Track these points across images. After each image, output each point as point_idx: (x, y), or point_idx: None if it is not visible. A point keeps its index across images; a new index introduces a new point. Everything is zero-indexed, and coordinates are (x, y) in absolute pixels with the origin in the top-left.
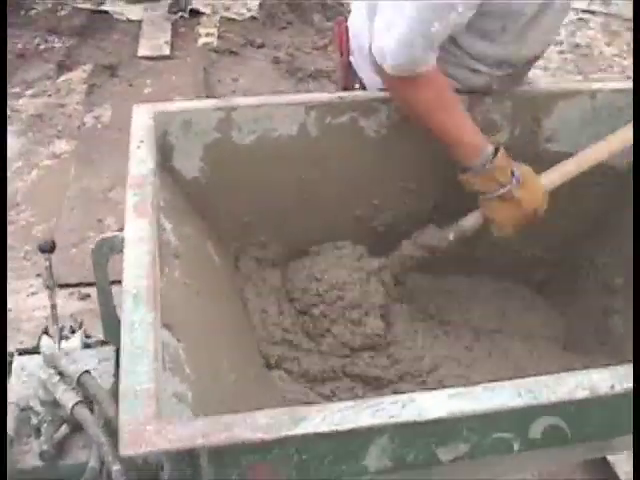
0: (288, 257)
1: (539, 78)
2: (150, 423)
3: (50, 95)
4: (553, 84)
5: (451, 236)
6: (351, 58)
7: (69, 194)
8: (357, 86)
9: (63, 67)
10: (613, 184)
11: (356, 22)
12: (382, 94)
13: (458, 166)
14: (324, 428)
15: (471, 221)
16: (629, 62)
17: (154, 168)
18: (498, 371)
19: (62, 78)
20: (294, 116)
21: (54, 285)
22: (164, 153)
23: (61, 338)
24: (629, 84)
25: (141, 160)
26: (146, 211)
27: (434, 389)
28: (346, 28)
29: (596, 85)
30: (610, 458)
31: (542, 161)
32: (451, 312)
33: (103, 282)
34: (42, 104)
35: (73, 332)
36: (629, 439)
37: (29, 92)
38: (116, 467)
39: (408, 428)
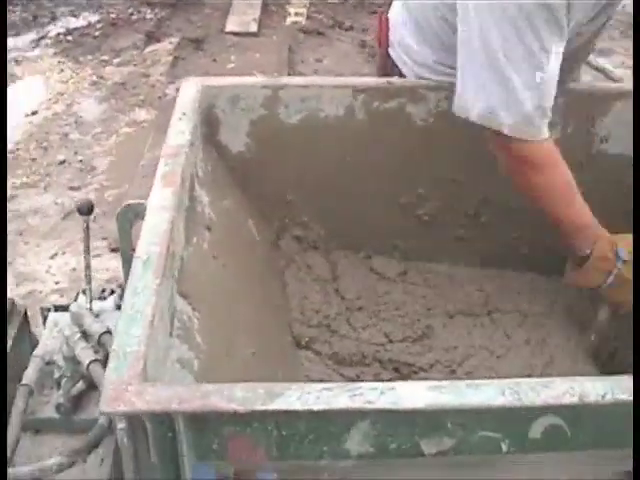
0: (330, 240)
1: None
2: (132, 384)
3: (136, 65)
4: (610, 84)
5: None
6: (390, 50)
7: (143, 162)
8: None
9: (152, 38)
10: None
11: (397, 17)
12: (431, 82)
13: (572, 258)
14: (298, 406)
15: (603, 316)
16: None
17: (191, 139)
18: (530, 362)
19: (149, 49)
20: (341, 98)
21: (89, 247)
22: (210, 126)
23: (99, 298)
24: None
25: (180, 131)
26: (174, 181)
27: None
28: (387, 20)
29: None
30: None
31: (596, 162)
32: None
33: (127, 248)
34: (127, 73)
35: (112, 293)
36: None
37: (116, 60)
38: (121, 425)
39: (390, 415)
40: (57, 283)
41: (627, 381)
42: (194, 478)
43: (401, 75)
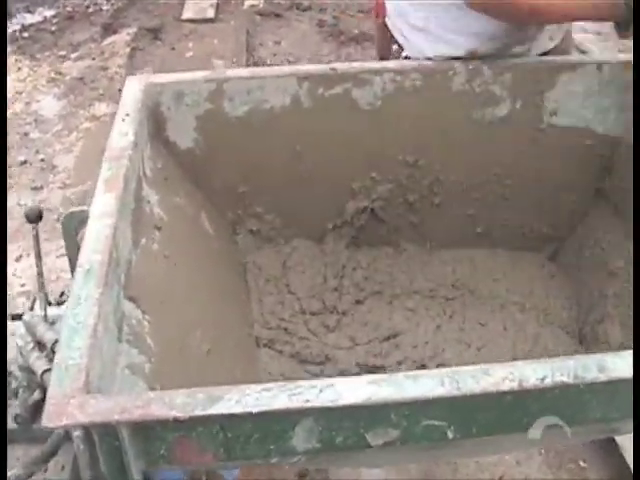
0: (285, 230)
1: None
2: (75, 397)
3: (94, 58)
4: (557, 57)
5: None
6: (387, 20)
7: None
8: (395, 47)
9: (109, 30)
10: (621, 157)
11: None
12: (376, 65)
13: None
14: (238, 410)
15: None
16: None
17: (135, 140)
18: (514, 347)
19: (107, 41)
20: (286, 87)
21: (40, 254)
22: (157, 124)
23: (57, 303)
24: None
25: (122, 133)
26: (116, 185)
27: None
28: None
29: (602, 57)
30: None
31: (546, 135)
32: (465, 287)
33: (73, 255)
34: (85, 67)
35: None
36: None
37: (74, 55)
38: (77, 433)
39: (332, 411)
40: (23, 285)
41: (568, 362)
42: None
43: (399, 46)
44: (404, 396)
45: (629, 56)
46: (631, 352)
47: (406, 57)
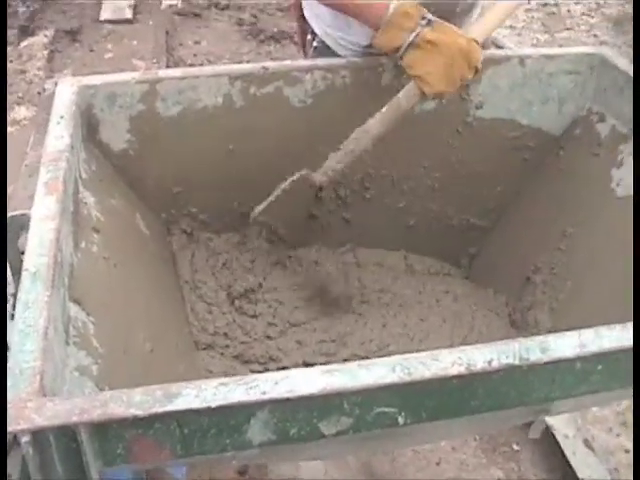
0: (219, 230)
1: (505, 37)
2: (31, 400)
3: (12, 61)
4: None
5: (383, 113)
6: (304, 10)
7: (27, 162)
8: (308, 37)
9: (26, 32)
10: (545, 148)
11: None
12: (306, 63)
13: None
14: (197, 405)
15: (403, 93)
16: (596, 20)
17: (71, 143)
18: (452, 336)
19: (24, 43)
20: (218, 87)
21: None
22: (90, 127)
23: None
24: (560, 50)
25: (58, 136)
26: (56, 188)
27: None
28: None
29: (525, 51)
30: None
31: (472, 128)
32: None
33: (15, 260)
34: None
35: None
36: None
37: None
38: (25, 438)
39: (288, 403)
40: None
41: (513, 345)
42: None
43: (313, 34)
44: (357, 384)
45: (549, 50)
46: (573, 333)
47: (315, 47)
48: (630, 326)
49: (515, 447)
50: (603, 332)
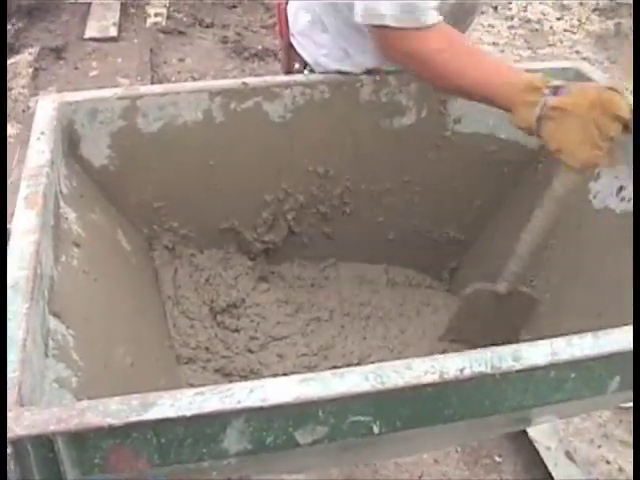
0: (200, 245)
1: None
2: (10, 410)
3: None
4: None
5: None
6: (291, 39)
7: (12, 179)
8: (297, 66)
9: (11, 50)
10: (523, 162)
11: (294, 2)
12: (285, 79)
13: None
14: (172, 414)
15: (555, 179)
16: (578, 37)
17: (52, 158)
18: (433, 348)
19: (9, 61)
20: (198, 102)
21: None
22: (71, 142)
23: None
24: (536, 64)
25: (39, 151)
26: (36, 202)
27: None
28: (285, 9)
29: None
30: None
31: (451, 142)
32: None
33: None
34: None
35: None
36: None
37: None
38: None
39: (262, 411)
40: None
41: (485, 353)
42: None
43: (303, 63)
44: (331, 393)
45: (526, 64)
46: (546, 342)
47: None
48: (602, 335)
49: (497, 459)
50: (575, 341)
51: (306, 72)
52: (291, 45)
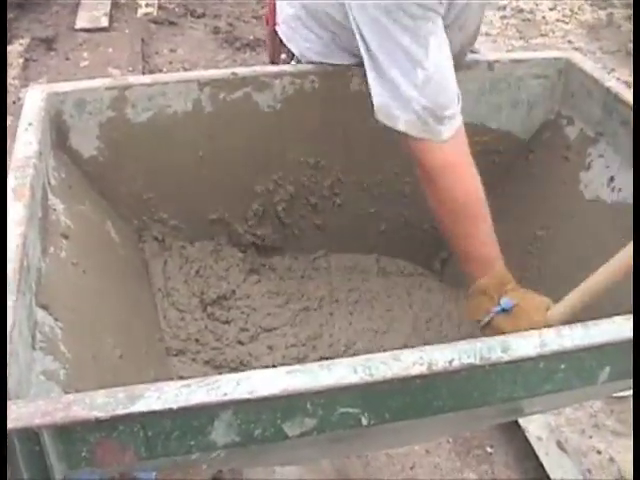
0: (190, 236)
1: (480, 44)
2: None
3: None
4: None
5: None
6: (277, 28)
7: None
8: (283, 56)
9: None
10: (513, 153)
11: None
12: (275, 69)
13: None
14: (158, 406)
15: None
16: (571, 27)
17: (39, 149)
18: (416, 321)
19: None
20: (188, 93)
21: None
22: (60, 133)
23: None
24: (528, 54)
25: (27, 142)
26: (24, 194)
27: None
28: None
29: (494, 56)
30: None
31: None
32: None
33: None
34: None
35: None
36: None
37: None
38: None
39: (250, 403)
40: None
41: (474, 344)
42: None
43: (289, 54)
44: (319, 385)
45: (518, 54)
46: (535, 332)
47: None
48: (592, 325)
49: (489, 449)
50: (564, 331)
51: (293, 63)
52: (276, 33)
